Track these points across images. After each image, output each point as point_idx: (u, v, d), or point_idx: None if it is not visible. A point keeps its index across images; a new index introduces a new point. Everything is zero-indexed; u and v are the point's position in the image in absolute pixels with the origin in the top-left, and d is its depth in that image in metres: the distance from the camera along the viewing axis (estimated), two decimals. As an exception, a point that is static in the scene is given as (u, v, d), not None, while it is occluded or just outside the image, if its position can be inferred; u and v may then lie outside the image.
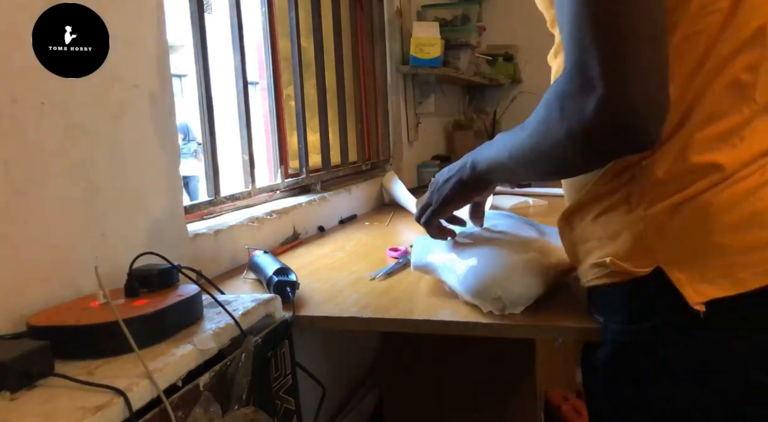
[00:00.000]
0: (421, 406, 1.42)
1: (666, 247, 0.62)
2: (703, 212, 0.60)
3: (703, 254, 0.60)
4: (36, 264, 0.78)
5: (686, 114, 0.61)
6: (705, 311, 0.59)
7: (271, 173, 1.64)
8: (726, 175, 0.60)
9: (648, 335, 0.64)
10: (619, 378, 0.68)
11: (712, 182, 0.60)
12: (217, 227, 1.21)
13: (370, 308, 0.92)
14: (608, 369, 0.69)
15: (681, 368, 0.62)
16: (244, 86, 1.43)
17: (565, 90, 0.57)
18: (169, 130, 1.04)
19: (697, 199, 0.60)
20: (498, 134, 0.77)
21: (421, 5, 2.67)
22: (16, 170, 0.75)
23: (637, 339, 0.65)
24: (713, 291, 0.59)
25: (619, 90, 0.53)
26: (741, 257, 0.59)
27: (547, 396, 1.45)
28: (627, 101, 0.53)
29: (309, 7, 1.76)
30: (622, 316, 0.66)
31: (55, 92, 0.81)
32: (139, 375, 0.60)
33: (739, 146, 0.60)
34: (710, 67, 0.61)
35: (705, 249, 0.60)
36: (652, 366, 0.64)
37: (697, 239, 0.60)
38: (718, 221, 0.60)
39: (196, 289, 0.78)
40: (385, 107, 2.31)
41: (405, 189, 1.91)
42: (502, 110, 3.30)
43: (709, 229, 0.60)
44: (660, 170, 0.62)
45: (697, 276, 0.60)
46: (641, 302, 0.64)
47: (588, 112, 0.54)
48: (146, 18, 0.99)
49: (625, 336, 0.66)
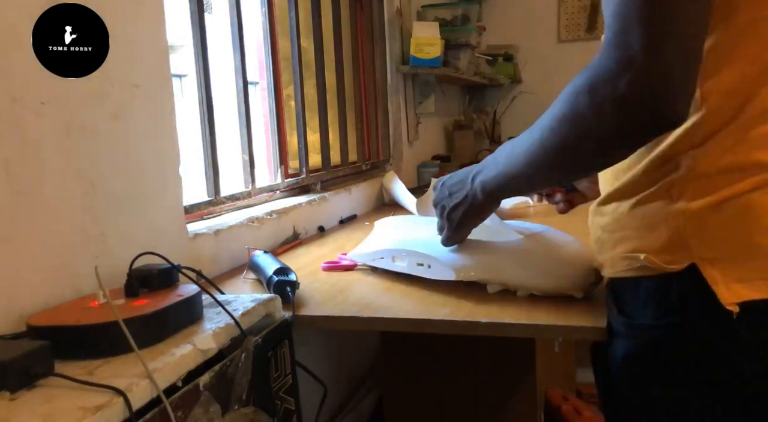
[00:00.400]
0: (421, 406, 1.42)
1: (704, 244, 0.60)
2: (748, 211, 0.59)
3: (743, 254, 0.59)
4: (36, 264, 0.78)
5: (741, 107, 0.60)
6: (738, 312, 0.57)
7: (271, 173, 1.64)
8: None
9: (677, 331, 0.62)
10: (644, 374, 0.66)
11: (761, 183, 0.58)
12: (217, 227, 1.21)
13: (370, 308, 0.92)
14: (632, 365, 0.67)
15: (709, 368, 0.61)
16: (244, 86, 1.43)
17: (597, 73, 0.57)
18: (169, 130, 1.04)
19: (743, 197, 0.59)
20: (499, 147, 0.75)
21: (421, 5, 2.67)
22: (16, 170, 0.75)
23: (665, 335, 0.63)
24: (749, 293, 0.57)
25: (658, 61, 0.53)
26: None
27: (547, 396, 1.45)
28: (664, 72, 0.53)
29: (309, 7, 1.76)
30: (652, 311, 0.65)
31: (55, 92, 0.81)
32: (139, 375, 0.60)
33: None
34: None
35: (745, 249, 0.59)
36: (680, 363, 0.63)
37: (739, 238, 0.59)
38: (762, 222, 0.58)
39: (196, 289, 0.78)
40: (385, 106, 2.31)
41: (405, 189, 1.91)
42: (502, 110, 3.30)
43: (752, 229, 0.58)
44: (707, 163, 0.61)
45: (734, 276, 0.58)
46: (673, 298, 0.63)
47: (622, 85, 0.55)
48: (146, 18, 0.99)
49: (654, 331, 0.64)
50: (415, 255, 1.00)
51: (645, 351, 0.66)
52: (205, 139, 1.28)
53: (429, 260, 0.98)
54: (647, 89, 0.54)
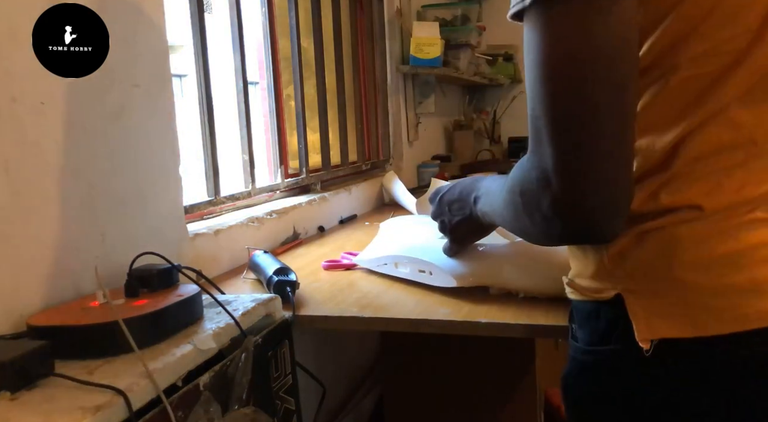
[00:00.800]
0: (421, 406, 1.42)
1: (627, 275, 0.59)
2: (669, 244, 0.56)
3: (665, 288, 0.56)
4: (36, 264, 0.78)
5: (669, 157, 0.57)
6: (650, 349, 0.56)
7: (271, 173, 1.64)
8: (705, 215, 0.55)
9: (602, 359, 0.62)
10: (573, 395, 0.67)
11: (687, 219, 0.56)
12: (217, 227, 1.21)
13: (370, 308, 0.92)
14: (566, 385, 0.67)
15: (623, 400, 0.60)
16: (244, 86, 1.43)
17: (524, 181, 0.55)
18: (169, 130, 1.04)
19: (665, 230, 0.56)
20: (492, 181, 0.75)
21: (421, 5, 2.67)
22: (16, 170, 0.75)
23: (593, 361, 0.63)
24: (668, 330, 0.55)
25: (571, 186, 0.51)
26: (706, 298, 0.54)
27: (547, 395, 1.45)
28: (578, 198, 0.51)
29: (309, 7, 1.76)
30: (586, 335, 0.64)
31: (55, 92, 0.81)
32: (139, 375, 0.60)
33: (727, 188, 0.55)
34: (707, 110, 0.56)
35: (666, 284, 0.56)
36: (603, 390, 0.62)
37: (659, 272, 0.56)
38: (683, 255, 0.55)
39: (196, 289, 0.78)
40: (385, 106, 2.31)
41: (405, 189, 1.91)
42: (502, 109, 3.30)
43: (673, 263, 0.56)
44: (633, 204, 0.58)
45: (655, 311, 0.56)
46: (602, 326, 0.62)
47: (545, 206, 0.53)
48: (146, 18, 0.99)
49: (585, 356, 0.64)
50: (417, 263, 1.01)
51: (578, 373, 0.66)
52: (205, 139, 1.28)
53: (430, 267, 0.98)
54: (568, 215, 0.52)
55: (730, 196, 0.55)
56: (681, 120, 0.56)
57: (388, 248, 1.11)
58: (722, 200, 0.55)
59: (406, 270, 1.04)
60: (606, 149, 0.50)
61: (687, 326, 0.55)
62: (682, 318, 0.55)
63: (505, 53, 3.27)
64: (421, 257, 1.00)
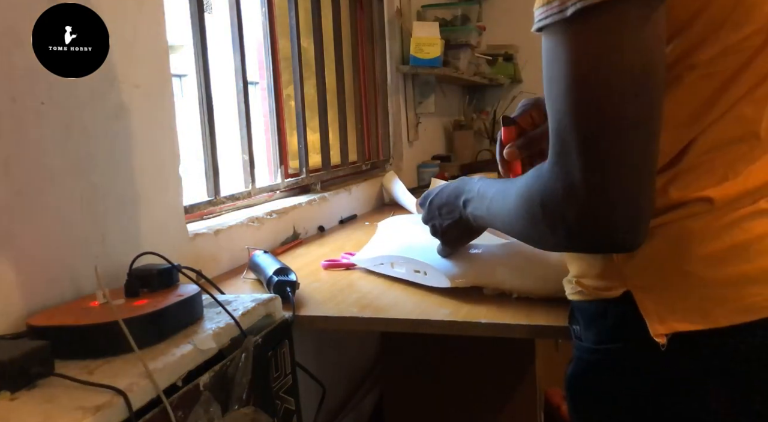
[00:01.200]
0: (421, 406, 1.42)
1: (636, 272, 0.59)
2: (679, 239, 0.57)
3: (676, 283, 0.57)
4: (36, 264, 0.78)
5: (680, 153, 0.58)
6: (665, 344, 0.56)
7: (271, 173, 1.64)
8: (714, 207, 0.56)
9: (612, 358, 0.62)
10: (581, 395, 0.67)
11: (695, 212, 0.57)
12: (217, 227, 1.21)
13: (370, 308, 0.92)
14: (574, 385, 0.68)
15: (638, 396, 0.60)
16: (244, 86, 1.43)
17: (547, 192, 0.55)
18: (169, 130, 1.04)
19: (674, 225, 0.57)
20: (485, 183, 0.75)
21: (421, 5, 2.67)
22: (16, 170, 0.75)
23: (602, 360, 0.63)
24: (680, 324, 0.56)
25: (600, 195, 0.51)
26: (717, 290, 0.55)
27: (547, 395, 1.45)
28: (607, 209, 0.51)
29: (309, 7, 1.76)
30: (593, 335, 0.64)
31: (55, 92, 0.81)
32: (139, 375, 0.60)
33: (733, 180, 0.57)
34: (719, 108, 0.57)
35: (678, 278, 0.57)
36: (612, 390, 0.62)
37: (670, 266, 0.57)
38: (694, 249, 0.56)
39: (196, 289, 0.78)
40: (385, 106, 2.31)
41: (405, 189, 1.91)
42: (502, 109, 3.30)
43: (684, 257, 0.56)
44: None
45: (667, 306, 0.57)
46: (610, 324, 0.62)
47: (570, 217, 0.53)
48: (146, 18, 0.99)
49: (593, 355, 0.64)
50: (413, 263, 1.02)
51: (585, 373, 0.66)
52: (205, 139, 1.28)
53: (425, 267, 0.99)
54: (594, 228, 0.52)
55: (737, 187, 0.56)
56: (693, 119, 0.57)
57: (385, 247, 1.12)
58: (729, 192, 0.56)
59: (402, 270, 1.05)
60: (634, 163, 0.51)
61: (699, 318, 0.55)
62: (695, 311, 0.56)
63: (505, 53, 3.27)
64: (417, 257, 1.01)
